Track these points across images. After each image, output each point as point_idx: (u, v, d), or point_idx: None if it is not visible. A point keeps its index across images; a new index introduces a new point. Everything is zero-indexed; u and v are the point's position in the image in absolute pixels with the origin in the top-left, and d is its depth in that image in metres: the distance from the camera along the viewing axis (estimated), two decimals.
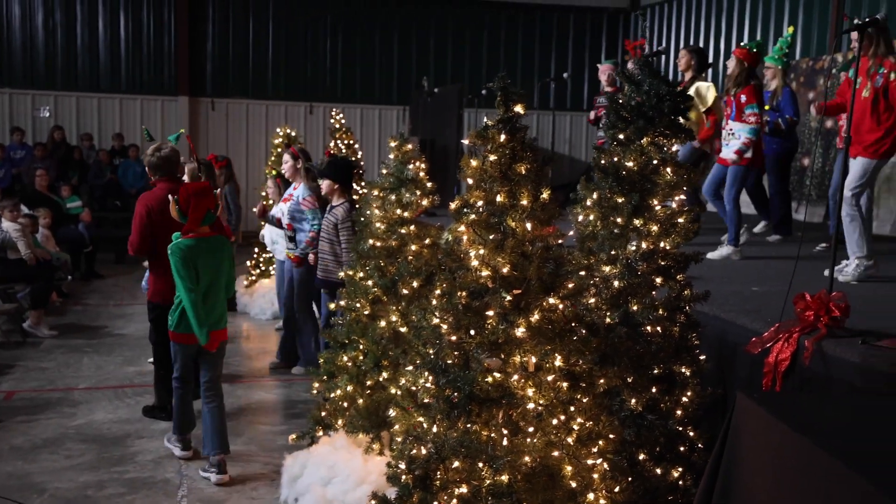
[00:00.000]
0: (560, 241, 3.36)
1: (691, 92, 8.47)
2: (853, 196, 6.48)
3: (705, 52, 9.10)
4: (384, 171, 5.28)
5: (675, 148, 4.03)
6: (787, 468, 2.40)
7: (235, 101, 17.48)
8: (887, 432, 2.40)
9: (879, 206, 10.88)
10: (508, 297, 3.16)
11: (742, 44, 8.03)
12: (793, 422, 2.43)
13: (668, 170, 3.97)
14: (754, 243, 8.53)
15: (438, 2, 18.05)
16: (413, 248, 5.11)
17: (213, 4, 17.23)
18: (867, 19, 6.23)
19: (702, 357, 4.18)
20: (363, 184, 10.98)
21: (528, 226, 3.21)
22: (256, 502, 5.16)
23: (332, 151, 11.23)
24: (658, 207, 3.99)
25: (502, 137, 3.23)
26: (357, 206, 6.60)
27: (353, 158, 12.97)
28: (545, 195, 3.29)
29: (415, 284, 4.97)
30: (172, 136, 6.92)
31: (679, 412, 4.00)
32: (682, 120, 4.04)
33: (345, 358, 5.15)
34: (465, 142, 3.36)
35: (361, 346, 5.14)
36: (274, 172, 10.04)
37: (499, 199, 3.22)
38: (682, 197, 4.14)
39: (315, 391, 5.51)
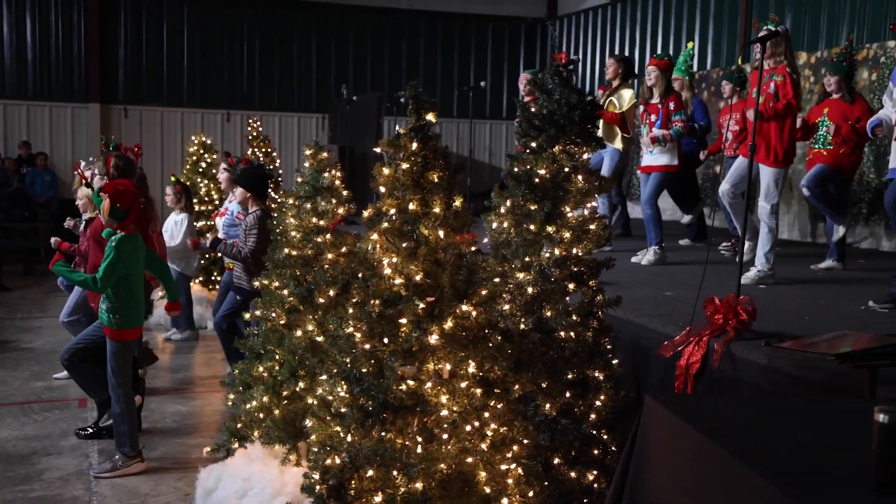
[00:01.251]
0: (474, 249, 3.38)
1: (613, 97, 8.64)
2: (773, 206, 6.73)
3: (632, 60, 9.29)
4: (299, 180, 5.24)
5: (585, 156, 4.10)
6: (692, 469, 2.45)
7: (149, 108, 17.14)
8: (786, 432, 2.47)
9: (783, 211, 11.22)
10: (422, 305, 3.17)
11: (657, 54, 8.23)
12: (697, 423, 2.48)
13: (580, 177, 4.04)
14: (670, 249, 8.72)
15: (357, 10, 18.01)
16: (329, 256, 5.08)
17: (125, 9, 16.87)
18: (768, 31, 6.48)
19: (615, 361, 4.25)
20: (280, 192, 10.89)
21: (441, 233, 3.22)
22: None
23: (249, 159, 11.04)
24: (570, 214, 4.05)
25: (414, 146, 3.24)
26: (271, 214, 6.55)
27: (272, 167, 12.87)
28: (458, 203, 3.31)
29: (331, 293, 4.94)
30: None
31: (593, 416, 4.06)
32: (591, 128, 4.11)
33: (260, 368, 5.09)
34: (378, 150, 3.36)
35: (277, 356, 5.08)
36: (179, 179, 9.83)
37: (411, 207, 3.23)
38: (594, 204, 4.22)
39: (230, 403, 5.43)
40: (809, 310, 5.76)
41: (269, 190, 7.64)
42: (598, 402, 4.07)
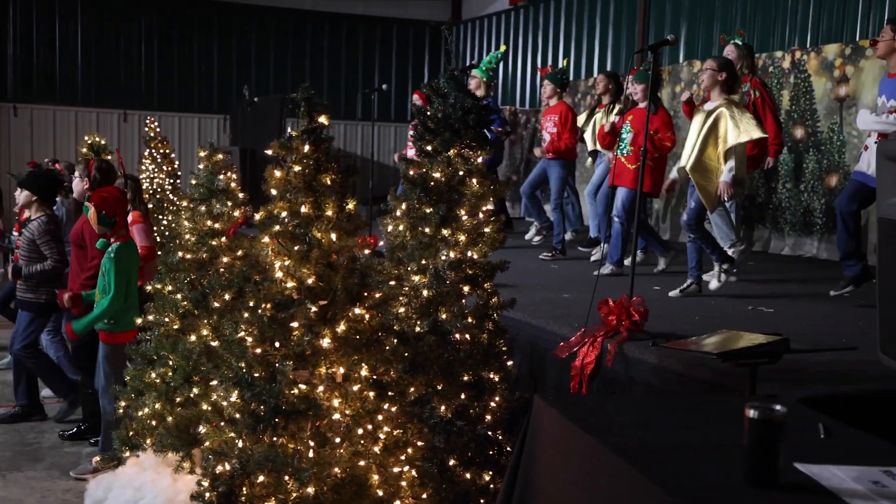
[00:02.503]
0: (367, 252, 3.38)
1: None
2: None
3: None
4: (193, 182, 5.16)
5: (479, 160, 4.15)
6: (578, 468, 2.50)
7: (41, 107, 16.56)
8: (667, 430, 2.55)
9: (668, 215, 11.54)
10: (314, 308, 3.16)
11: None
12: (583, 423, 2.54)
13: (474, 181, 4.08)
14: (572, 252, 8.89)
15: (259, 10, 17.77)
16: (224, 259, 5.01)
17: (14, 4, 16.28)
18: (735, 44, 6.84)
19: (510, 362, 4.31)
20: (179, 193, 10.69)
21: (334, 236, 3.21)
22: None
23: (37, 163, 10.42)
24: (465, 217, 4.09)
25: (306, 148, 3.23)
26: (57, 220, 6.47)
27: (170, 168, 12.61)
28: (351, 206, 3.31)
29: (227, 297, 4.87)
30: None
31: (488, 417, 4.11)
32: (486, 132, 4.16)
33: (153, 374, 4.99)
34: (269, 152, 3.33)
35: (171, 362, 4.99)
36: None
37: (304, 209, 3.22)
38: (489, 207, 4.27)
39: (121, 410, 5.30)
40: (699, 311, 5.94)
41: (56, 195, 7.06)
42: (493, 404, 4.12)
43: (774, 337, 3.57)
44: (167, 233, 10.78)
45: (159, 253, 6.66)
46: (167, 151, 12.54)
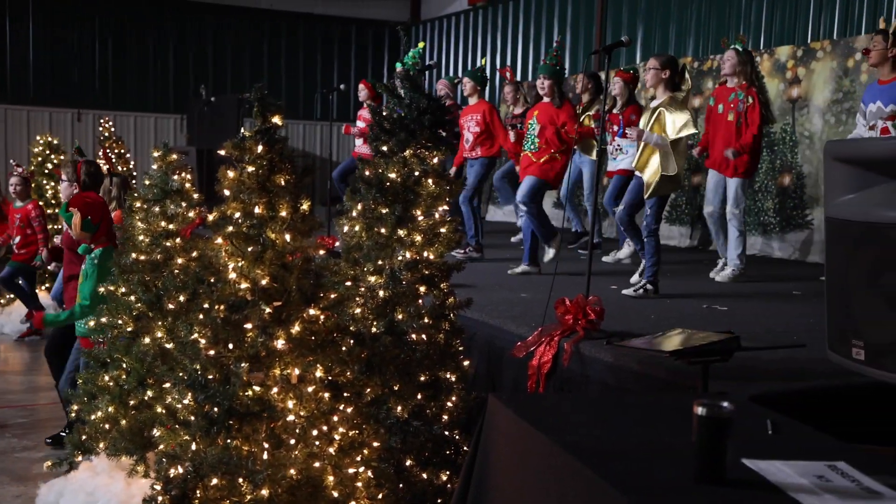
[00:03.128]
0: (322, 252, 3.37)
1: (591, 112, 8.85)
2: (742, 212, 7.22)
3: (599, 76, 9.43)
4: (147, 182, 5.11)
5: (436, 160, 4.16)
6: (531, 466, 2.52)
7: None
8: (619, 428, 2.57)
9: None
10: (268, 310, 3.14)
11: (623, 67, 8.62)
12: (536, 422, 2.56)
13: (430, 181, 4.09)
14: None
15: (215, 9, 17.62)
16: (179, 261, 4.96)
17: None
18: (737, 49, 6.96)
19: (466, 362, 4.32)
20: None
21: (288, 237, 3.20)
22: None
23: None
24: (421, 218, 4.10)
25: (260, 148, 3.21)
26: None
27: (125, 168, 12.47)
28: (305, 206, 3.30)
29: (181, 299, 4.82)
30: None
31: (445, 417, 4.12)
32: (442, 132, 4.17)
33: (106, 377, 4.92)
34: (222, 152, 3.31)
35: (124, 365, 4.93)
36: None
37: (257, 210, 3.20)
38: (445, 207, 4.28)
39: (73, 414, 5.23)
40: (655, 310, 6.00)
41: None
42: (449, 404, 4.13)
43: (726, 335, 3.62)
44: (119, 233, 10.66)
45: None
46: (122, 151, 12.40)
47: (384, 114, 4.21)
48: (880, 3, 9.05)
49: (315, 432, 3.11)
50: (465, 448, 4.15)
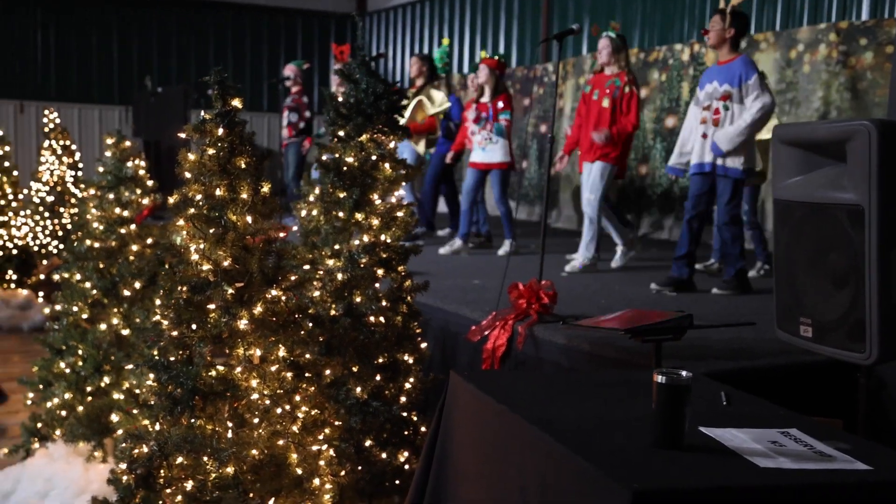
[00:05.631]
0: (283, 235, 3.40)
1: (423, 96, 8.84)
2: (598, 199, 7.17)
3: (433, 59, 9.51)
4: (101, 170, 5.08)
5: (392, 145, 4.20)
6: (493, 439, 2.59)
7: None
8: (576, 400, 2.65)
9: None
10: (231, 290, 3.16)
11: (488, 54, 8.56)
12: (496, 395, 2.62)
13: (387, 165, 4.13)
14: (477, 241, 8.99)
15: (158, 3, 17.39)
16: (134, 248, 4.96)
17: None
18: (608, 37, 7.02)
19: (424, 344, 4.38)
20: (81, 184, 10.45)
21: (249, 219, 3.22)
22: None
23: None
24: (378, 202, 4.14)
25: (220, 131, 3.23)
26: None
27: (71, 160, 12.27)
28: (265, 189, 3.32)
29: (137, 285, 4.82)
30: None
31: (403, 398, 4.17)
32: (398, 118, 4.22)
33: (62, 364, 4.90)
34: (182, 135, 3.32)
35: (80, 352, 4.91)
36: None
37: (218, 192, 3.22)
38: (401, 192, 4.32)
39: (29, 402, 5.19)
40: (605, 294, 6.12)
41: None
42: (408, 385, 4.18)
43: (678, 314, 3.73)
44: (69, 225, 10.53)
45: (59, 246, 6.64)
46: (68, 143, 12.19)
47: (340, 99, 4.24)
48: None
49: (279, 411, 3.14)
50: (423, 429, 4.21)
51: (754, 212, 7.49)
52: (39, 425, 4.99)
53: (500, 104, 8.11)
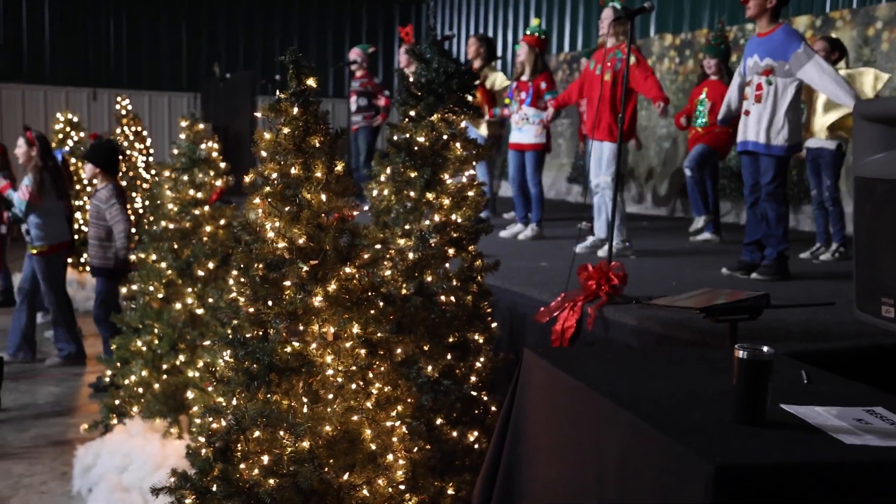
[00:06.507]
0: (355, 213, 3.42)
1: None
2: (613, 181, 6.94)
3: (493, 41, 9.45)
4: (175, 152, 5.17)
5: (463, 124, 4.20)
6: (567, 414, 2.58)
7: (9, 86, 16.36)
8: (653, 376, 2.63)
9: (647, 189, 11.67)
10: (305, 268, 3.19)
11: (529, 31, 8.37)
12: (571, 370, 2.61)
13: (458, 145, 4.13)
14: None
15: None
16: (208, 229, 5.04)
17: None
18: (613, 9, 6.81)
19: (494, 324, 4.38)
20: (153, 171, 10.65)
21: (324, 197, 3.25)
22: (46, 497, 4.92)
23: (98, 134, 10.73)
24: (449, 181, 4.14)
25: (295, 110, 3.25)
26: (123, 189, 6.51)
27: (143, 146, 12.54)
28: (339, 167, 3.34)
29: (210, 266, 4.90)
30: None
31: (473, 378, 4.18)
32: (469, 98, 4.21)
33: (139, 343, 5.01)
34: (258, 115, 3.36)
35: (156, 330, 5.01)
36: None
37: (293, 171, 3.25)
38: (472, 172, 4.32)
39: (107, 379, 5.32)
40: (676, 277, 6.04)
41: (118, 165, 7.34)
42: (478, 364, 4.19)
43: (755, 293, 3.66)
44: (140, 210, 10.76)
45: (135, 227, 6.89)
46: (139, 129, 12.45)
47: (411, 79, 4.25)
48: None
49: (353, 387, 3.17)
50: (493, 409, 4.21)
51: (836, 188, 7.26)
52: (117, 402, 5.12)
53: (544, 84, 8.00)
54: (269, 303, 3.18)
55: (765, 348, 2.16)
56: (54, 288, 7.36)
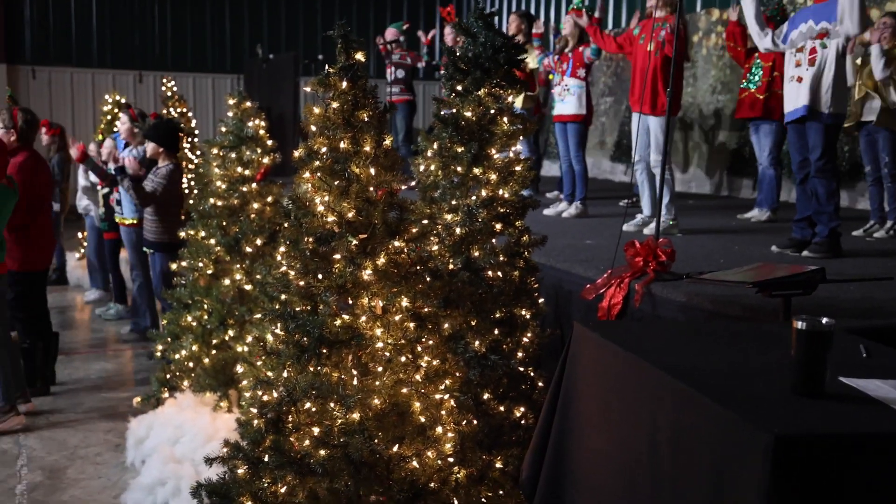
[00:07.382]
0: (402, 187, 3.42)
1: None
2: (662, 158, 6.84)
3: (534, 17, 9.37)
4: (223, 129, 5.20)
5: (510, 99, 4.16)
6: (619, 386, 2.56)
7: (59, 69, 16.59)
8: (706, 348, 2.60)
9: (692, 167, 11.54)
10: (354, 242, 3.20)
11: (574, 5, 8.30)
12: (623, 342, 2.59)
13: (505, 119, 4.10)
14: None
15: None
16: (255, 206, 5.07)
17: None
18: None
19: (541, 300, 4.36)
20: (198, 151, 10.75)
21: (372, 171, 3.25)
22: (101, 468, 5.02)
23: (157, 114, 10.95)
24: (496, 156, 4.12)
25: (344, 84, 3.26)
26: (185, 168, 6.53)
27: (188, 127, 12.64)
28: (387, 142, 3.34)
29: (258, 242, 4.94)
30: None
31: (520, 353, 4.16)
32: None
33: (189, 318, 5.07)
34: (308, 89, 3.36)
35: (206, 306, 5.07)
36: (100, 137, 9.67)
37: (342, 145, 3.25)
38: (519, 147, 4.29)
39: (159, 353, 5.40)
40: (724, 255, 5.97)
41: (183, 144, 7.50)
42: (525, 340, 4.17)
43: (807, 269, 3.60)
44: (186, 189, 10.85)
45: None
46: (185, 111, 12.56)
47: (458, 53, 4.22)
48: None
49: (402, 360, 3.18)
50: (540, 384, 4.20)
51: (895, 164, 7.10)
52: (168, 376, 5.20)
53: (582, 48, 7.97)
54: (319, 276, 3.20)
55: (824, 320, 2.13)
56: (143, 259, 7.40)
